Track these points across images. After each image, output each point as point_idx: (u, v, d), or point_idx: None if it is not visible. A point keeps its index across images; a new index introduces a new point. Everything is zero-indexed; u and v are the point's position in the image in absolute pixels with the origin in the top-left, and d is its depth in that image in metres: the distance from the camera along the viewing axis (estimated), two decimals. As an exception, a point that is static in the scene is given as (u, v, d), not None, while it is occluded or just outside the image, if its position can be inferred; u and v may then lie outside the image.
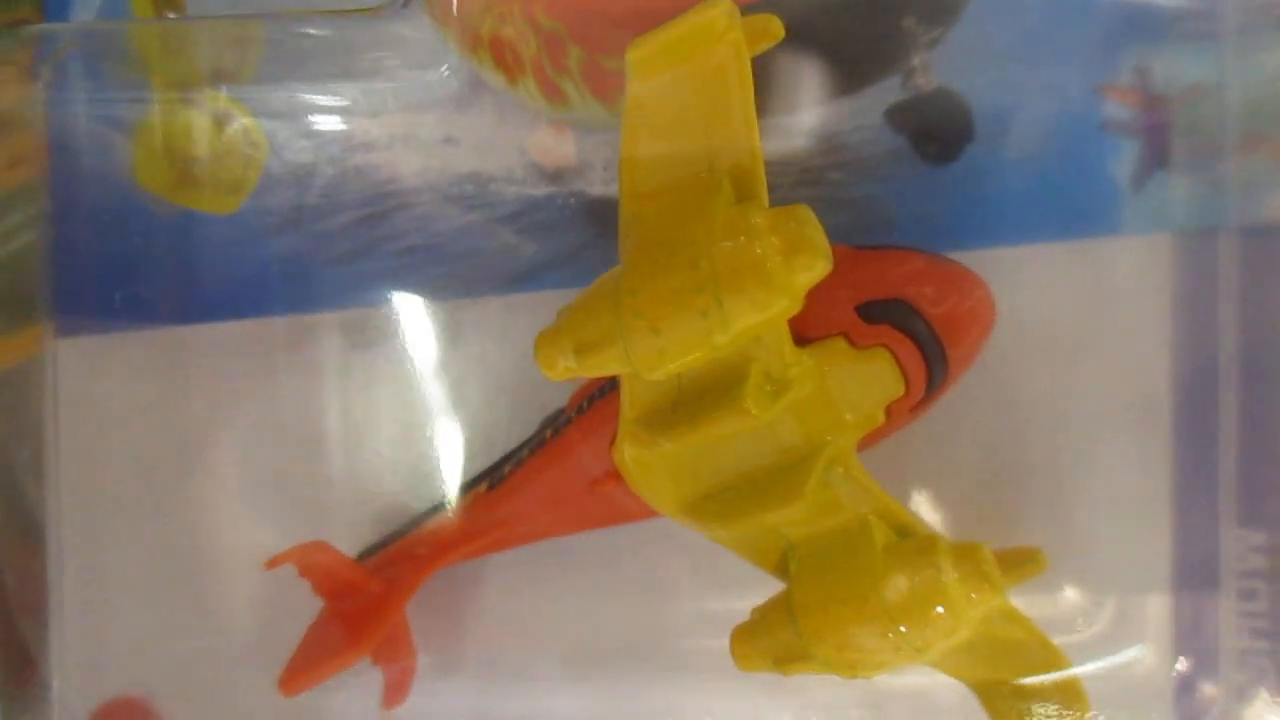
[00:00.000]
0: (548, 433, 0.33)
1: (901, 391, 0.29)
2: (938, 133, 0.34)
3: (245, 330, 0.37)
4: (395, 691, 0.34)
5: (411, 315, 0.37)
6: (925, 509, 0.34)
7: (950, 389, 0.31)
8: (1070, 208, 0.34)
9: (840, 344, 0.29)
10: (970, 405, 0.34)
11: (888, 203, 0.35)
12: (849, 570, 0.28)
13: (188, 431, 0.37)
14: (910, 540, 0.28)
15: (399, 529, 0.35)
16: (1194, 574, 0.33)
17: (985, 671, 0.30)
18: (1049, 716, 0.30)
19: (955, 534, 0.34)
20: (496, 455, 0.35)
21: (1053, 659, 0.30)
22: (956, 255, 0.34)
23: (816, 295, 0.29)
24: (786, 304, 0.25)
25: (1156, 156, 0.34)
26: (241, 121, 0.37)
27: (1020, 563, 0.33)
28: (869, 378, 0.29)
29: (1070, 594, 0.34)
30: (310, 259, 0.37)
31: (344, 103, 0.36)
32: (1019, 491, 0.34)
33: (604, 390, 0.32)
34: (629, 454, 0.30)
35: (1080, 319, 0.34)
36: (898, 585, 0.27)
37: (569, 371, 0.27)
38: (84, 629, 0.37)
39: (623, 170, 0.26)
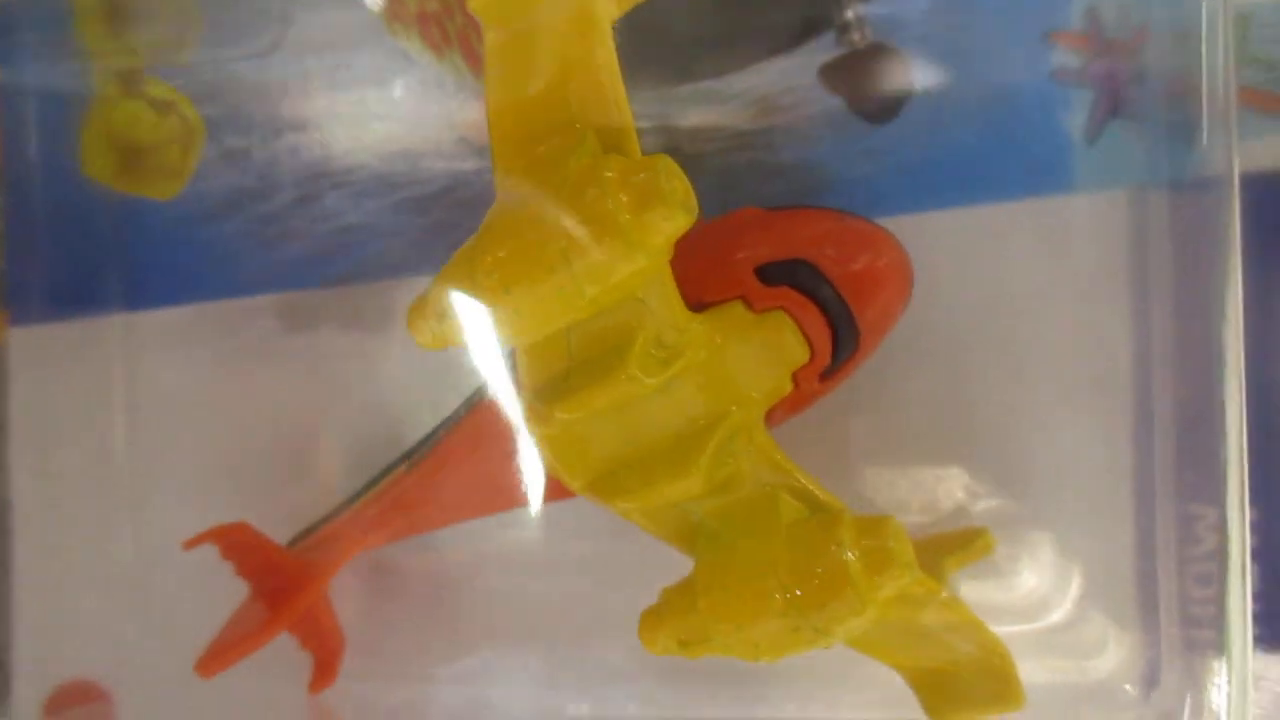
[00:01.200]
0: (461, 410, 0.32)
1: (806, 358, 0.27)
2: (875, 91, 0.33)
3: (189, 316, 0.37)
4: (322, 676, 0.33)
5: (346, 296, 0.36)
6: (869, 482, 0.33)
7: (869, 355, 0.29)
8: (1019, 165, 0.32)
9: (738, 308, 0.27)
10: (918, 374, 0.32)
11: (825, 167, 0.33)
12: (751, 547, 0.27)
13: (138, 418, 0.37)
14: (814, 518, 0.27)
15: (329, 513, 0.35)
16: (1156, 550, 0.31)
17: (913, 657, 0.29)
18: (982, 709, 0.28)
19: (901, 511, 0.32)
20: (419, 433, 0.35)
21: (987, 646, 0.28)
22: (899, 220, 0.32)
23: (715, 258, 0.28)
24: (644, 261, 0.23)
25: (1111, 106, 0.32)
26: (180, 108, 0.37)
27: (965, 544, 0.31)
28: (769, 343, 0.27)
29: (1027, 576, 0.32)
30: (248, 242, 0.37)
31: (276, 82, 0.36)
32: (971, 462, 0.32)
33: (512, 364, 0.31)
34: (532, 429, 0.29)
35: (1032, 283, 0.32)
36: (796, 563, 0.26)
37: (438, 341, 0.26)
38: (39, 614, 0.38)
39: (490, 126, 0.25)
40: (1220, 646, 0.28)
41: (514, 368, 0.31)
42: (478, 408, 0.31)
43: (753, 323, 0.27)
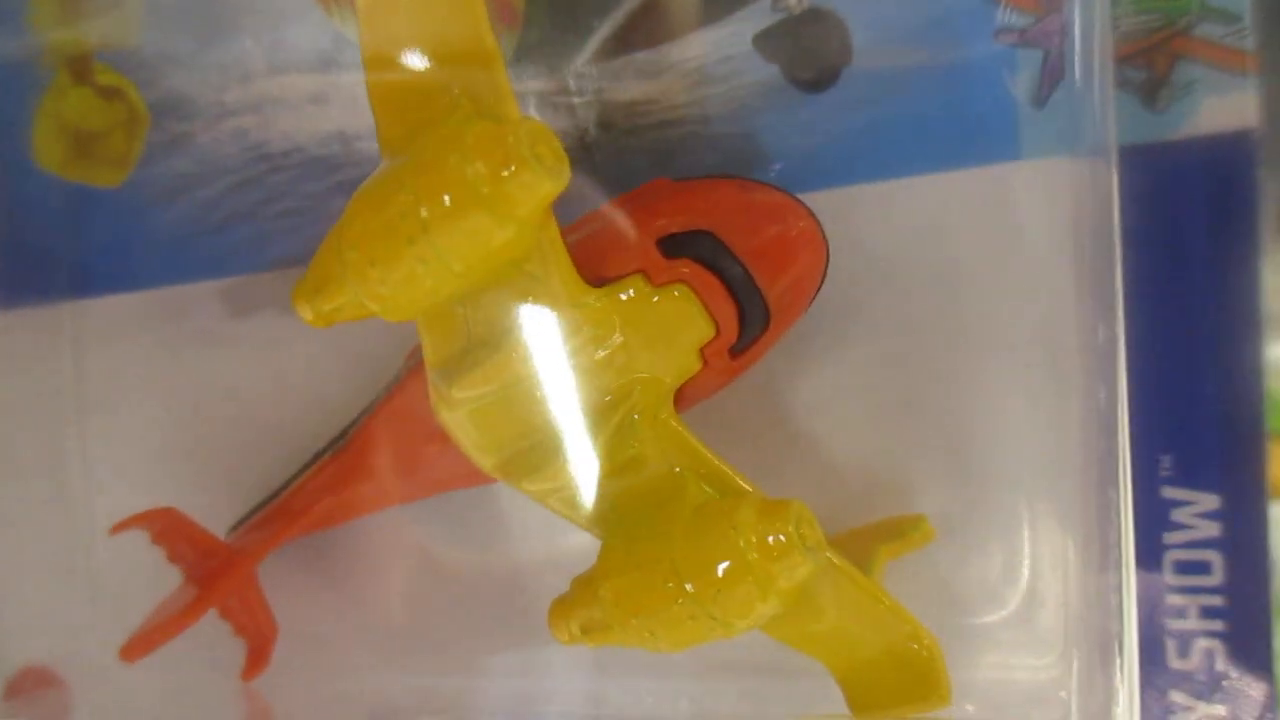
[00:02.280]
0: (380, 394, 0.31)
1: (711, 333, 0.26)
2: (811, 58, 0.31)
3: (136, 303, 0.37)
4: (254, 664, 0.33)
5: (290, 279, 0.36)
6: (809, 460, 0.31)
7: (785, 330, 0.28)
8: (962, 133, 0.31)
9: (638, 282, 0.26)
10: (864, 345, 0.31)
11: (761, 138, 0.32)
12: (654, 531, 0.26)
13: (86, 405, 0.37)
14: (717, 501, 0.25)
15: (263, 500, 0.34)
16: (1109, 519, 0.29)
17: (833, 650, 0.27)
18: (906, 706, 0.26)
19: (845, 491, 0.31)
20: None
21: (914, 638, 0.26)
22: (840, 191, 0.31)
23: (618, 231, 0.27)
24: (512, 230, 0.22)
25: (1059, 68, 0.30)
26: (127, 94, 0.37)
27: (902, 532, 0.29)
28: (671, 319, 0.26)
29: (976, 561, 0.31)
30: (193, 227, 0.36)
31: (217, 66, 0.36)
32: (917, 438, 0.31)
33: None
34: (437, 410, 0.28)
35: (977, 254, 0.30)
36: (693, 550, 0.25)
37: (322, 316, 0.25)
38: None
39: (370, 95, 0.25)
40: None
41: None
42: (394, 391, 0.31)
43: (653, 297, 0.26)
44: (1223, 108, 0.29)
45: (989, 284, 0.30)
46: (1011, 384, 0.30)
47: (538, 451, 0.27)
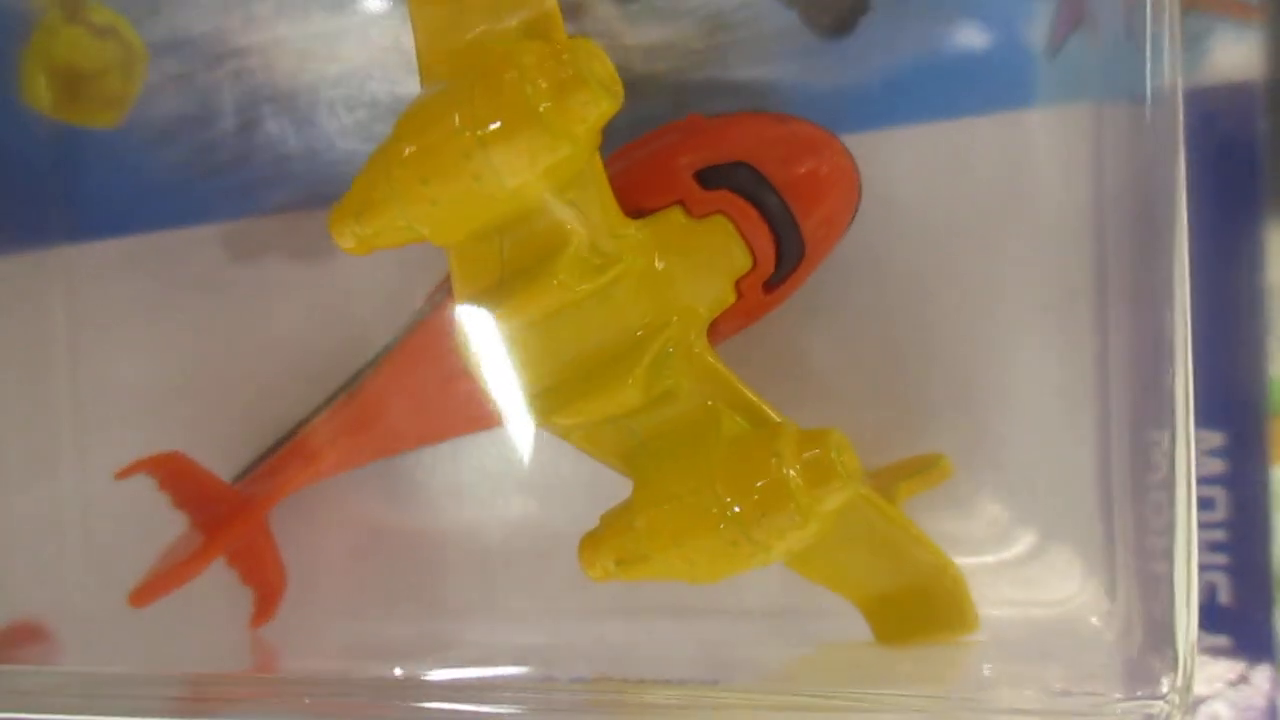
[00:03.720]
0: (401, 332, 0.31)
1: (749, 265, 0.26)
2: (829, 4, 0.32)
3: (131, 247, 0.36)
4: (262, 610, 0.32)
5: (290, 224, 0.35)
6: (823, 404, 0.31)
7: (816, 265, 0.28)
8: (978, 79, 0.31)
9: (677, 214, 0.26)
10: (877, 292, 0.31)
11: (780, 84, 0.32)
12: (690, 463, 0.26)
13: (80, 352, 0.36)
14: (754, 431, 0.26)
15: (272, 445, 0.34)
16: (1120, 476, 0.30)
17: (859, 581, 0.28)
18: (935, 634, 0.27)
19: (855, 431, 0.31)
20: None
21: (939, 568, 0.27)
22: (857, 137, 0.31)
23: (654, 163, 0.27)
24: (567, 149, 0.22)
25: (1073, 17, 0.30)
26: (121, 32, 0.36)
27: (921, 470, 0.30)
28: (710, 250, 0.26)
29: (987, 504, 0.31)
30: (190, 170, 0.36)
31: (221, 4, 0.35)
32: (929, 384, 0.31)
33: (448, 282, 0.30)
34: (466, 344, 0.28)
35: (993, 201, 0.31)
36: (734, 476, 0.25)
37: (363, 241, 0.25)
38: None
39: (412, 16, 0.24)
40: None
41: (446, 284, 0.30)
42: (415, 329, 0.30)
43: (692, 229, 0.26)
44: (1228, 59, 0.30)
45: (1002, 229, 0.31)
46: (1019, 332, 0.31)
47: (570, 385, 0.27)
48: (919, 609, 0.27)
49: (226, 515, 0.31)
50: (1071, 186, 0.30)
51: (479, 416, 0.30)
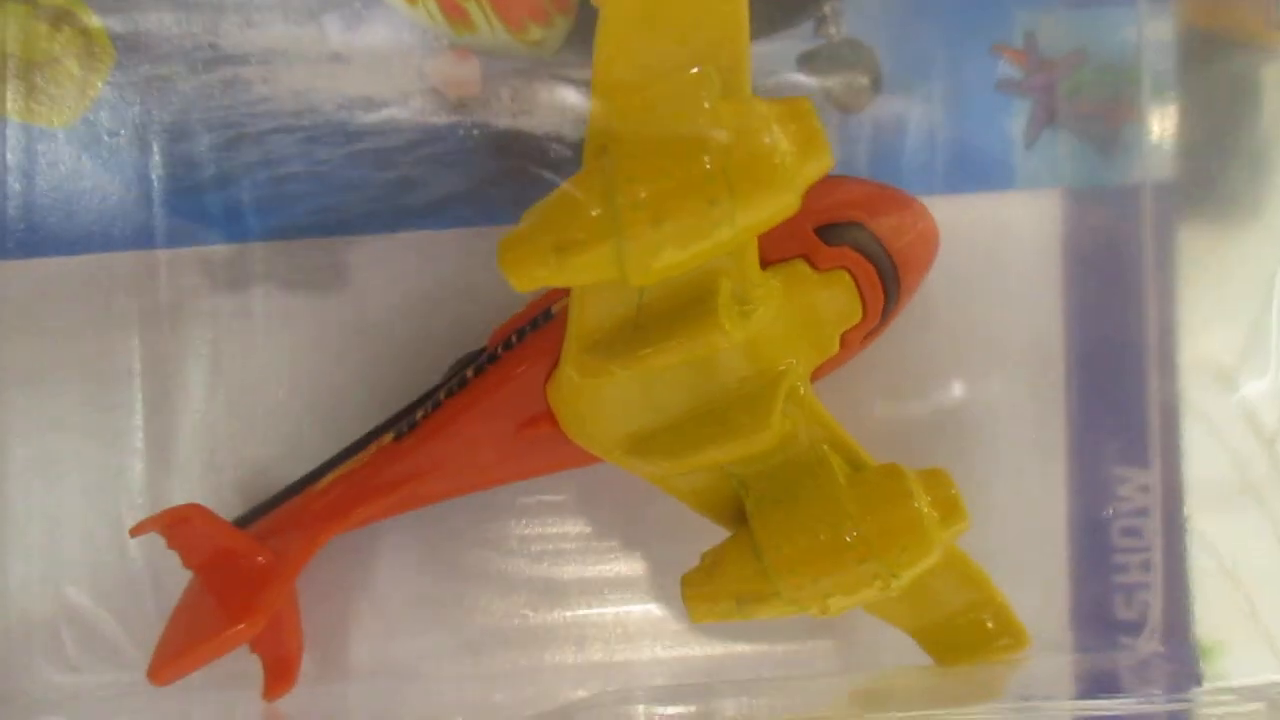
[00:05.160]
0: (468, 373, 0.29)
1: (858, 318, 0.28)
2: (848, 83, 0.34)
3: (91, 267, 0.31)
4: (279, 680, 0.29)
5: (289, 253, 0.32)
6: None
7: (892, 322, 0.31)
8: (969, 161, 0.35)
9: (801, 266, 0.28)
10: (874, 349, 0.34)
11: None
12: (815, 503, 0.27)
13: (20, 382, 0.30)
14: (874, 470, 0.27)
15: (280, 493, 0.30)
16: (1087, 511, 0.35)
17: (925, 608, 0.30)
18: (993, 654, 0.30)
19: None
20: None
21: (989, 593, 0.30)
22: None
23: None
24: (790, 200, 0.23)
25: (1046, 116, 0.36)
26: (78, 17, 0.31)
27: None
28: (829, 302, 0.28)
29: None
30: (165, 185, 0.32)
31: (212, 4, 0.32)
32: (922, 435, 0.35)
33: (536, 323, 0.29)
34: (571, 387, 0.27)
35: (978, 268, 0.35)
36: (870, 513, 0.26)
37: (542, 279, 0.24)
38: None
39: (597, 61, 0.24)
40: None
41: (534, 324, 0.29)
42: (490, 367, 0.29)
43: (815, 281, 0.28)
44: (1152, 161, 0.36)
45: (984, 293, 0.35)
46: (999, 384, 0.35)
47: (689, 433, 0.27)
48: (971, 632, 0.30)
49: (257, 581, 0.28)
50: (1044, 254, 0.35)
51: (552, 459, 0.30)
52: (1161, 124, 0.36)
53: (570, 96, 0.33)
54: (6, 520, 0.31)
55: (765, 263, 0.28)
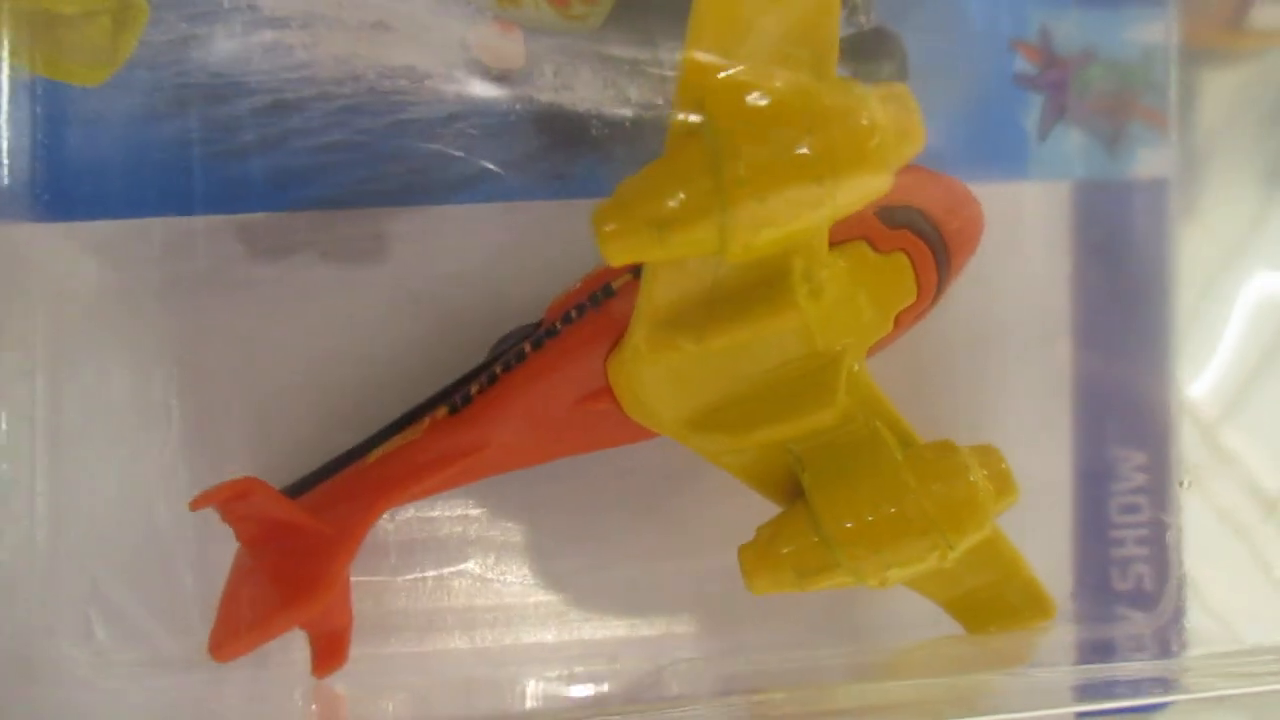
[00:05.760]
0: (526, 347, 0.29)
1: (913, 298, 0.29)
2: (878, 69, 0.35)
3: (124, 232, 0.30)
4: (330, 656, 0.28)
5: (329, 223, 0.32)
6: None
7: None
8: (986, 152, 0.37)
9: (863, 247, 0.28)
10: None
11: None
12: (874, 477, 0.28)
13: (60, 355, 0.29)
14: (928, 446, 0.28)
15: (323, 467, 0.30)
16: (1090, 487, 0.36)
17: (958, 580, 0.31)
18: (1021, 622, 0.31)
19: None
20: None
21: (1017, 564, 0.31)
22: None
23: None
24: (886, 181, 0.24)
25: (1057, 111, 0.37)
26: (115, -26, 0.30)
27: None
28: (887, 283, 0.29)
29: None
30: (201, 149, 0.31)
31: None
32: (939, 411, 0.36)
33: (597, 298, 0.29)
34: (637, 362, 0.27)
35: (992, 251, 0.36)
36: (929, 486, 0.27)
37: (640, 253, 0.24)
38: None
39: (691, 37, 0.24)
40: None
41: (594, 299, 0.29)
42: (549, 341, 0.29)
43: (875, 263, 0.28)
44: (1151, 159, 0.38)
45: (997, 277, 0.37)
46: (1010, 368, 0.37)
47: (753, 410, 0.28)
48: (1001, 604, 0.32)
49: (319, 555, 0.27)
50: (1053, 241, 0.37)
51: (608, 435, 0.30)
52: (1163, 122, 0.38)
53: (612, 73, 0.33)
54: (35, 492, 0.29)
55: (829, 243, 0.28)
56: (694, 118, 0.24)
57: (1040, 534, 0.36)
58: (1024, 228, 0.37)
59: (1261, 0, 0.38)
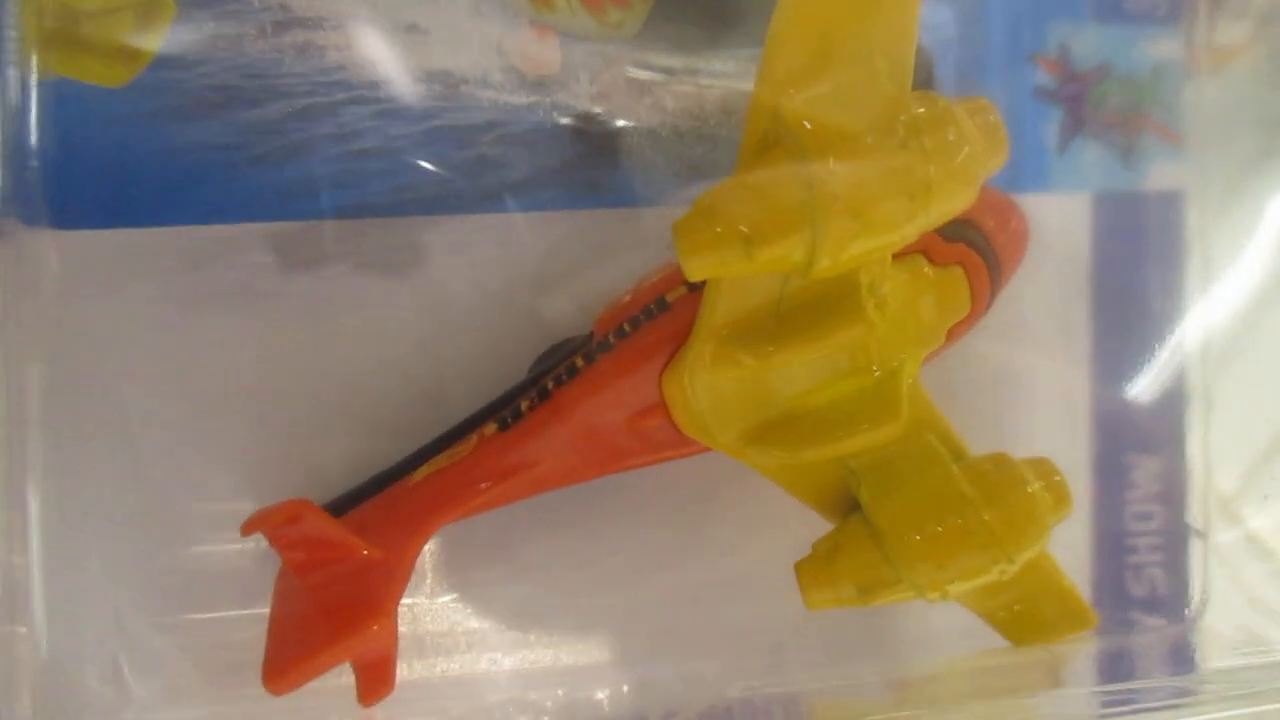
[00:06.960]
0: (578, 361, 0.29)
1: (966, 311, 0.29)
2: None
3: (141, 240, 0.28)
4: (377, 683, 0.27)
5: (362, 232, 0.31)
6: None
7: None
8: (1011, 164, 0.37)
9: (921, 261, 0.28)
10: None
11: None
12: (934, 491, 0.28)
13: (67, 365, 0.27)
14: (984, 459, 0.28)
15: (365, 484, 0.29)
16: (1107, 494, 0.37)
17: (1001, 591, 0.31)
18: (1062, 633, 0.31)
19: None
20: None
21: (1056, 575, 0.32)
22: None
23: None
24: (973, 195, 0.24)
25: (1076, 125, 0.38)
26: (140, -30, 0.28)
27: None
28: (943, 296, 0.29)
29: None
30: (230, 155, 0.29)
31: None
32: (958, 419, 0.36)
33: (651, 312, 0.29)
34: (695, 378, 0.27)
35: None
36: (989, 499, 0.27)
37: (724, 267, 0.24)
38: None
39: (768, 51, 0.24)
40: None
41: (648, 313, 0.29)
42: (602, 356, 0.28)
43: (933, 277, 0.28)
44: (1165, 172, 0.39)
45: (1018, 285, 0.37)
46: (1034, 372, 0.37)
47: (814, 424, 0.28)
48: (1043, 613, 0.32)
49: (374, 579, 0.26)
50: (1072, 252, 0.37)
51: (658, 450, 0.29)
52: (1174, 138, 0.39)
53: (648, 81, 0.33)
54: (55, 520, 0.28)
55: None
56: (773, 133, 0.24)
57: (1058, 542, 0.37)
58: (1046, 239, 0.37)
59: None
